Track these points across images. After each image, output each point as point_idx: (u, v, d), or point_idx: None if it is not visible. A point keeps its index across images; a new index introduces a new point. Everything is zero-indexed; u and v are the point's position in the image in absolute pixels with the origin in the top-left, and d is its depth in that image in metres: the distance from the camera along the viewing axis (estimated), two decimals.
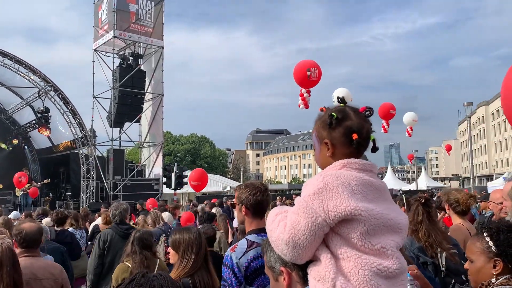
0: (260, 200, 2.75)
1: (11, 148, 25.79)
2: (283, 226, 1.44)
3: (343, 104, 1.58)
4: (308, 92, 8.72)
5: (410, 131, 15.20)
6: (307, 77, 8.35)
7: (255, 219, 2.79)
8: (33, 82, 21.03)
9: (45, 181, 22.02)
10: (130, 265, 4.01)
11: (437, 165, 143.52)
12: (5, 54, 19.85)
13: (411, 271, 2.29)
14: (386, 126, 13.87)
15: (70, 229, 7.08)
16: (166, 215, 7.48)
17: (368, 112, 1.56)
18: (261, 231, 2.75)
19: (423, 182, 46.49)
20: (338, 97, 1.64)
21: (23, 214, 8.85)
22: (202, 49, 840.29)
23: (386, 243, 1.39)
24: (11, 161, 23.72)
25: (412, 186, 43.71)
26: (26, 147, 27.10)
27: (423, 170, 56.99)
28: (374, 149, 1.56)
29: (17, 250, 3.42)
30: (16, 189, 19.44)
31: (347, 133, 1.50)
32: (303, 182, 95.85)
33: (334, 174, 1.43)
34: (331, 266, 1.36)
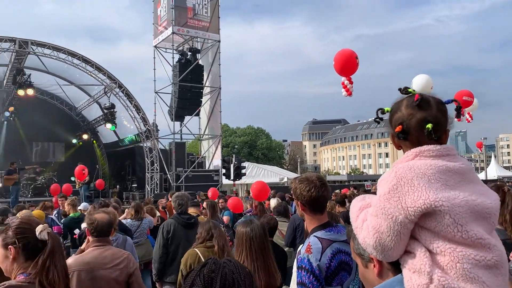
0: (316, 196, 2.55)
1: (81, 143, 27.46)
2: (366, 229, 1.41)
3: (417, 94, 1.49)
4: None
5: (469, 119, 14.36)
6: (357, 64, 8.20)
7: (315, 215, 2.62)
8: (99, 79, 22.16)
9: (38, 169, 22.82)
10: (199, 252, 4.16)
11: (508, 153, 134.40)
12: (73, 54, 21.08)
13: None
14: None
15: (128, 220, 7.01)
16: None
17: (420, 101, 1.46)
18: (326, 225, 2.61)
19: (493, 172, 43.83)
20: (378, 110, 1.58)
21: (93, 205, 9.32)
22: (257, 40, 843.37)
23: (477, 230, 1.29)
24: (82, 156, 25.21)
25: (481, 176, 41.35)
26: (95, 141, 28.73)
27: (493, 158, 53.63)
28: (459, 114, 1.47)
29: (90, 239, 3.61)
30: (77, 181, 20.56)
31: (423, 124, 1.43)
32: (362, 173, 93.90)
33: (407, 166, 1.35)
34: (427, 260, 1.30)
